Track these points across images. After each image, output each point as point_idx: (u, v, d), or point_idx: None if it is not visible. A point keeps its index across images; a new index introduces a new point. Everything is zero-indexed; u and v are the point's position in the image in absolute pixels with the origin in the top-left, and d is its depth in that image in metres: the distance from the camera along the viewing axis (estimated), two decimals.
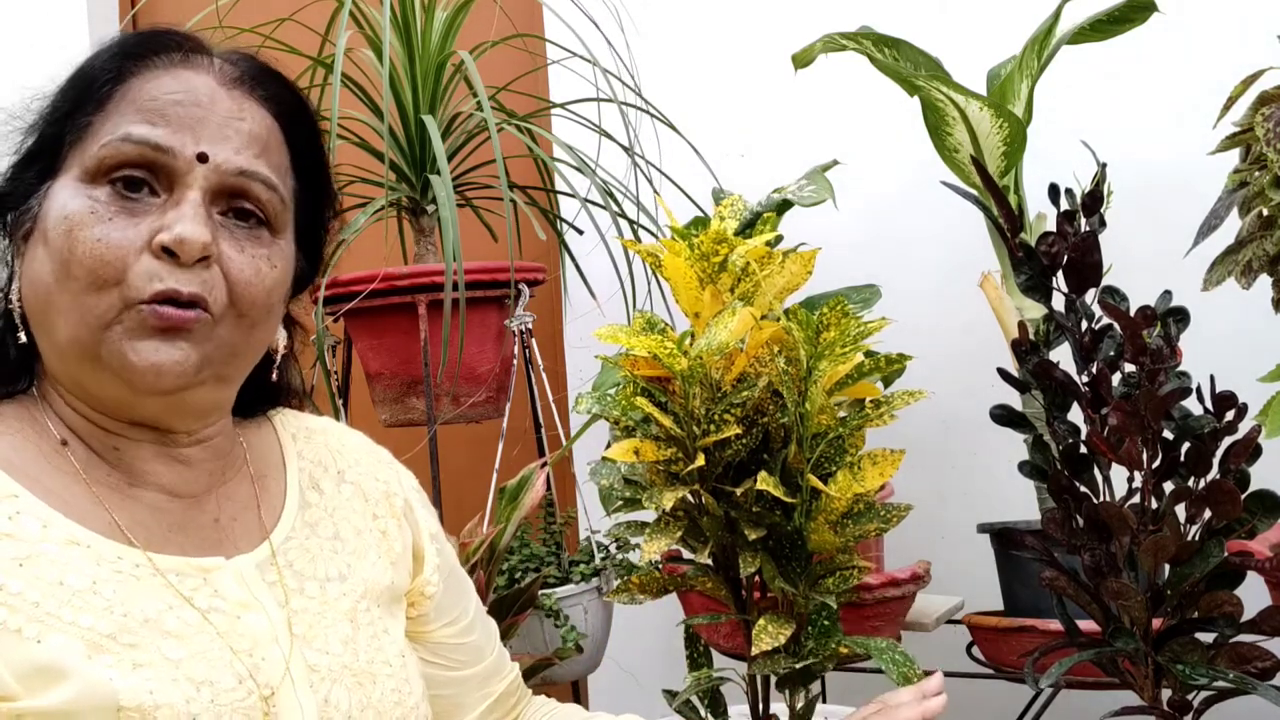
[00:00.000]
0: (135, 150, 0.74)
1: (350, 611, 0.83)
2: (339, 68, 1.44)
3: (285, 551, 0.82)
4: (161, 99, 0.76)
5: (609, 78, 1.68)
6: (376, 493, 0.92)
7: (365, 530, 0.89)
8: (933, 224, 1.87)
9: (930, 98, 1.46)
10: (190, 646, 0.72)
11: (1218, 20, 1.74)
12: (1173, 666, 1.02)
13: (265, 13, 1.72)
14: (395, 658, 0.84)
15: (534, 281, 1.63)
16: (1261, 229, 1.17)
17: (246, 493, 0.84)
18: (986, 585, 1.56)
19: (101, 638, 0.69)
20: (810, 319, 1.06)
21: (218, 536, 0.80)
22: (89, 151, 0.75)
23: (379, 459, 0.96)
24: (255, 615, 0.77)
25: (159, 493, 0.79)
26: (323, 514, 0.87)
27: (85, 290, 0.72)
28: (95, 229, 0.72)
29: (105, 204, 0.73)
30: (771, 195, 1.40)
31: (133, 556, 0.74)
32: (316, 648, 0.79)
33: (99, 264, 0.72)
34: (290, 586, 0.80)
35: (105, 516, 0.75)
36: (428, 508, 0.98)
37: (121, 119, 0.75)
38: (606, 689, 2.01)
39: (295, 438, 0.92)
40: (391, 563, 0.90)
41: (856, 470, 1.04)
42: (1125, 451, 1.03)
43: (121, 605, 0.71)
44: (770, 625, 1.04)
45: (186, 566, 0.76)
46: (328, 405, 1.65)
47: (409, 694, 0.84)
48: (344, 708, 0.78)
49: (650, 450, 1.05)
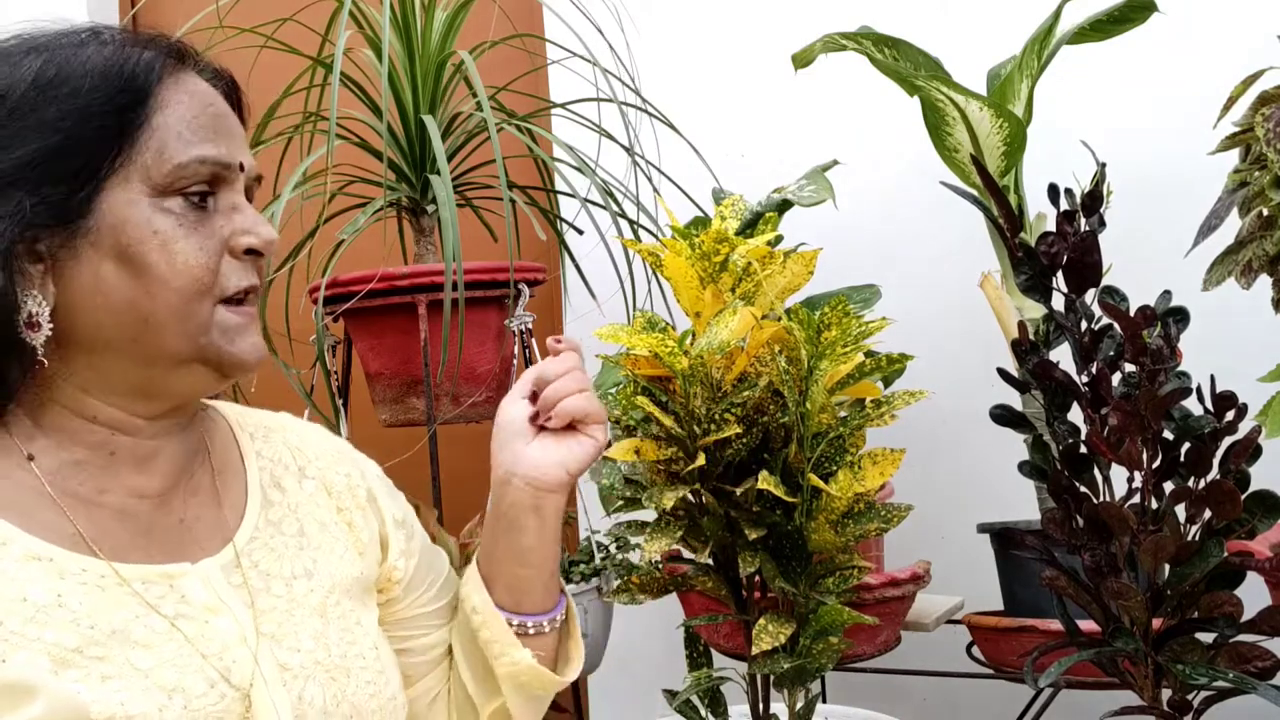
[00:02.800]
0: (209, 171, 0.78)
1: (320, 606, 0.84)
2: (338, 67, 1.44)
3: (250, 552, 0.83)
4: (205, 113, 0.79)
5: (609, 78, 1.68)
6: (340, 485, 0.92)
7: (330, 524, 0.90)
8: (933, 224, 1.87)
9: (930, 98, 1.46)
10: (159, 655, 0.72)
11: (1218, 20, 1.74)
12: (1173, 666, 1.02)
13: (265, 13, 1.72)
14: (369, 650, 0.85)
15: (534, 281, 1.63)
16: (1261, 229, 1.17)
17: (208, 487, 0.85)
18: (986, 585, 1.56)
19: (67, 652, 0.69)
20: (811, 319, 1.06)
21: (182, 539, 0.80)
22: (156, 168, 0.75)
23: (340, 451, 0.97)
24: (223, 618, 0.77)
25: (129, 495, 0.79)
26: (286, 512, 0.88)
27: (188, 300, 0.76)
28: (188, 242, 0.76)
29: (182, 214, 0.77)
30: (771, 195, 1.40)
31: (97, 568, 0.74)
32: (287, 646, 0.79)
33: (203, 272, 0.77)
34: (256, 587, 0.81)
35: (69, 528, 0.75)
36: (392, 494, 0.98)
37: (179, 136, 0.77)
38: (606, 689, 2.01)
39: (254, 437, 0.91)
40: (360, 553, 0.90)
41: (857, 470, 1.04)
42: (1125, 451, 1.03)
43: (88, 617, 0.71)
44: (770, 625, 1.04)
45: (152, 574, 0.76)
46: (328, 405, 1.65)
47: (385, 685, 0.84)
48: (319, 704, 0.78)
49: (651, 450, 1.05)
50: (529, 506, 0.90)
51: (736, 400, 1.03)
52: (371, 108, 1.70)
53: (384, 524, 0.94)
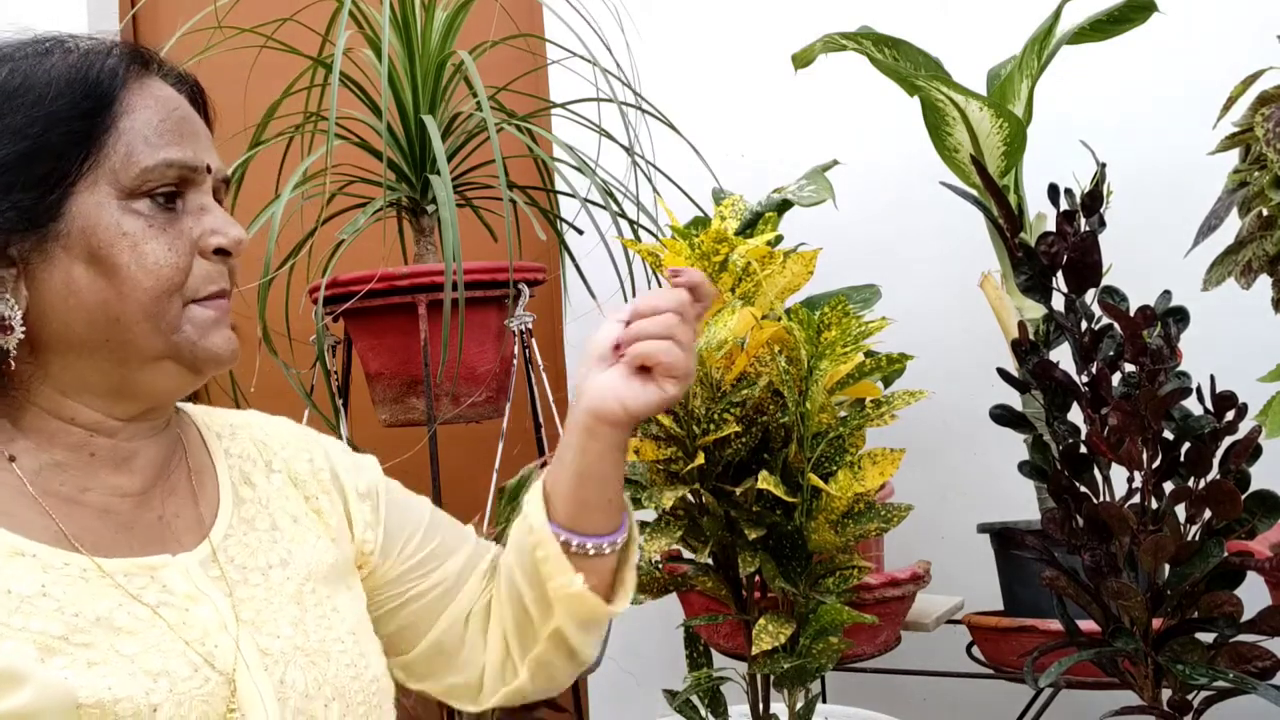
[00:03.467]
0: (176, 174, 0.79)
1: (296, 594, 0.85)
2: (337, 67, 1.44)
3: (225, 548, 0.84)
4: (171, 117, 0.81)
5: (609, 78, 1.68)
6: (304, 473, 0.94)
7: (301, 515, 0.91)
8: (933, 224, 1.86)
9: (930, 98, 1.46)
10: (143, 641, 0.74)
11: (1218, 20, 1.74)
12: (1173, 666, 1.02)
13: (265, 13, 1.72)
14: (347, 635, 0.86)
15: (534, 281, 1.63)
16: (1261, 229, 1.17)
17: (185, 486, 0.86)
18: (986, 585, 1.56)
19: (53, 640, 0.71)
20: (811, 319, 1.06)
21: (162, 534, 0.82)
22: (124, 171, 0.77)
23: (305, 438, 0.97)
24: (203, 607, 0.79)
25: (109, 495, 0.81)
26: (258, 508, 0.89)
27: (158, 299, 0.77)
28: (156, 242, 0.78)
29: (151, 216, 0.78)
30: (771, 195, 1.40)
31: (79, 562, 0.75)
32: (266, 632, 0.81)
33: (173, 272, 0.78)
34: (234, 579, 0.82)
35: (51, 526, 0.76)
36: (357, 467, 0.98)
37: (145, 140, 0.79)
38: (606, 689, 2.01)
39: (220, 436, 0.93)
40: (332, 539, 0.91)
41: (857, 469, 1.04)
42: (1125, 451, 1.03)
43: (72, 606, 0.73)
44: (770, 625, 1.04)
45: (133, 567, 0.78)
46: (328, 405, 1.65)
47: (365, 668, 0.86)
48: (300, 687, 0.80)
49: (650, 449, 1.05)
50: (584, 428, 0.89)
51: (736, 400, 1.03)
52: (371, 108, 1.70)
53: (347, 502, 0.95)
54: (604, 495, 0.91)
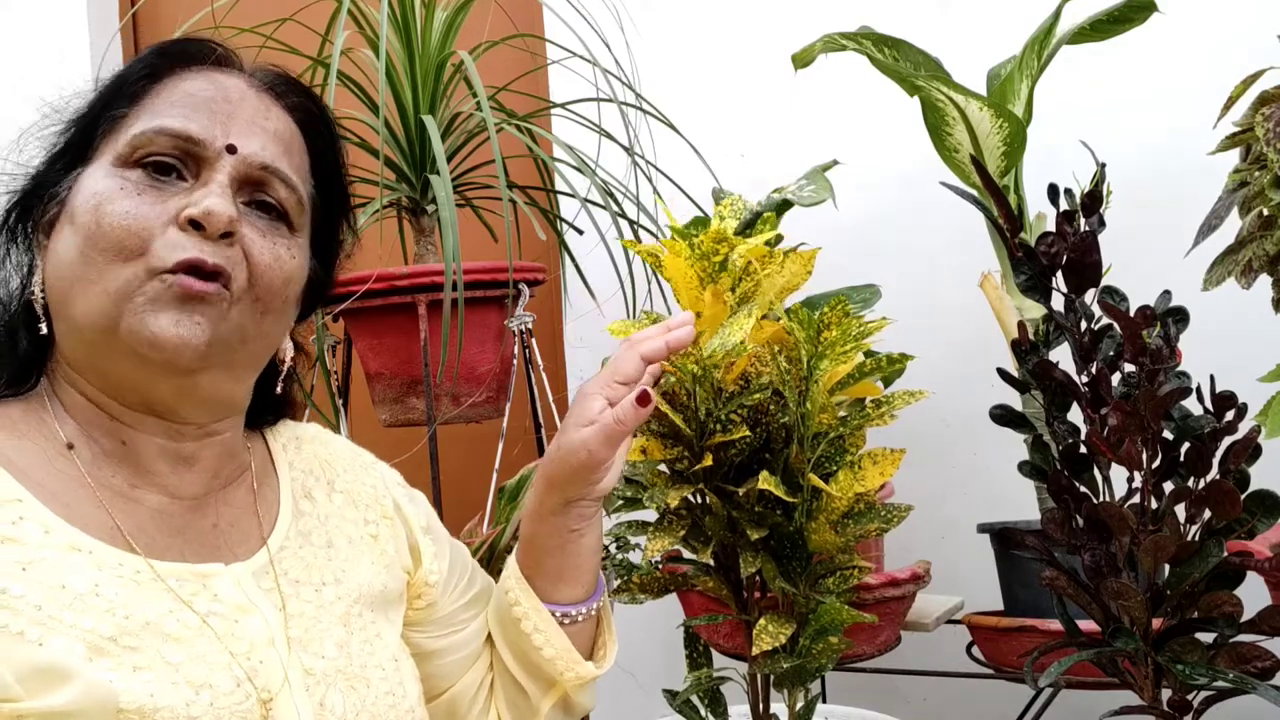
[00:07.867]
0: (169, 142, 0.77)
1: (344, 616, 0.84)
2: (335, 66, 1.44)
3: (280, 560, 0.83)
4: (196, 95, 0.79)
5: (609, 78, 1.68)
6: (366, 498, 0.93)
7: (357, 538, 0.90)
8: (932, 224, 1.86)
9: (930, 98, 1.46)
10: (190, 650, 0.73)
11: (1218, 20, 1.74)
12: (1173, 666, 1.02)
13: (265, 13, 1.72)
14: (388, 661, 0.85)
15: (534, 281, 1.63)
16: (1261, 229, 1.17)
17: (245, 499, 0.85)
18: (986, 585, 1.56)
19: (102, 640, 0.69)
20: (811, 318, 1.05)
21: (216, 542, 0.81)
22: (121, 140, 0.78)
23: (364, 463, 0.98)
24: (253, 619, 0.78)
25: (161, 494, 0.80)
26: (316, 523, 0.88)
27: (110, 261, 0.74)
28: (123, 203, 0.75)
29: (135, 183, 0.76)
30: (771, 195, 1.40)
31: (133, 563, 0.74)
32: (312, 651, 0.80)
33: (125, 234, 0.74)
34: (286, 592, 0.81)
35: (108, 521, 0.75)
36: (413, 500, 0.99)
37: (155, 113, 0.78)
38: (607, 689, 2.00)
39: (285, 448, 0.92)
40: (385, 566, 0.91)
41: (857, 469, 1.04)
42: (1125, 451, 1.03)
43: (123, 608, 0.72)
44: (771, 625, 1.04)
45: (186, 572, 0.77)
46: (328, 405, 1.65)
47: (403, 697, 0.85)
48: (339, 711, 0.79)
49: (657, 449, 1.05)
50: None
51: (747, 402, 1.03)
52: (371, 108, 1.69)
53: (411, 532, 0.95)
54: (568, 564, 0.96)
